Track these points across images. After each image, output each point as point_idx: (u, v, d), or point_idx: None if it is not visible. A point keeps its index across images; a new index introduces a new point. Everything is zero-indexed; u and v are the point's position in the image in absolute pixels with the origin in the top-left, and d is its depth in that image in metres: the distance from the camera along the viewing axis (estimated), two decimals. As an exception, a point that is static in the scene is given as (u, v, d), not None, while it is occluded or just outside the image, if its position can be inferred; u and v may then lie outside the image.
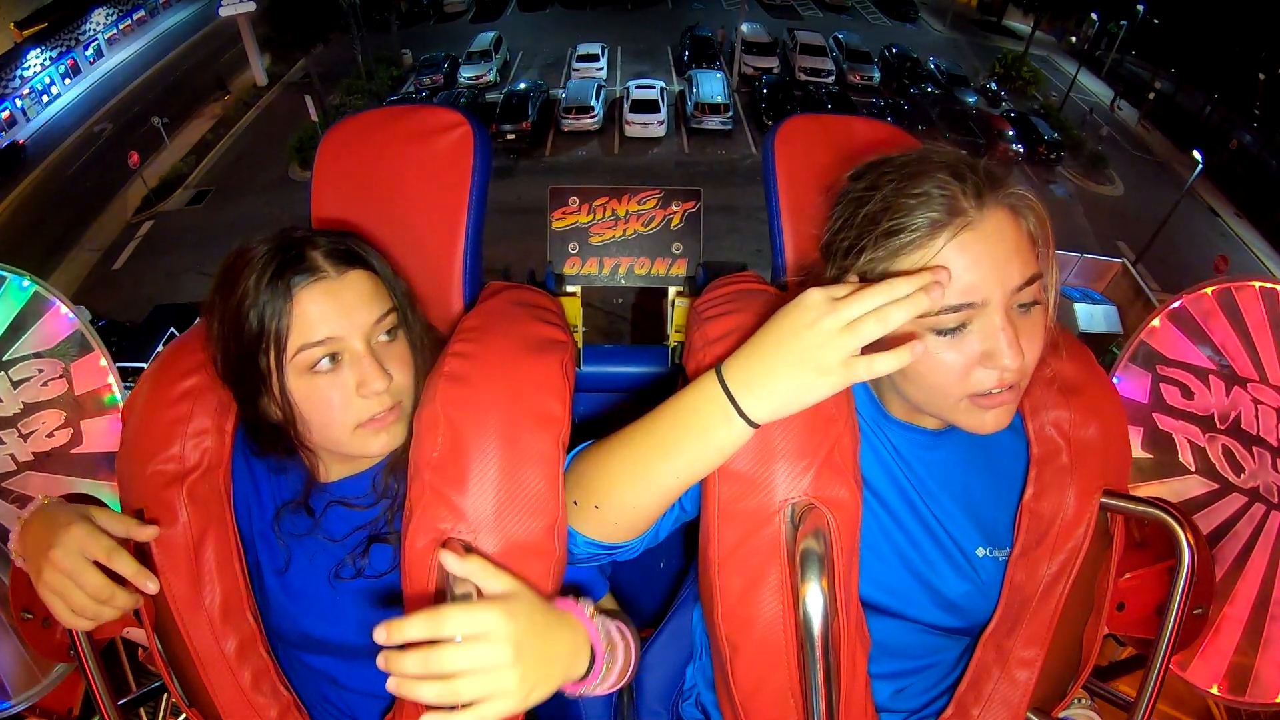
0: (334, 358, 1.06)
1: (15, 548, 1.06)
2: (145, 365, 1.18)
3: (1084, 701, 1.25)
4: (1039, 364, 1.11)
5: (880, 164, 1.04)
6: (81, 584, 0.99)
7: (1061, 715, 1.20)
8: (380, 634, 0.80)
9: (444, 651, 0.81)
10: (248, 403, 1.10)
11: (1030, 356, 0.99)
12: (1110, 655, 1.62)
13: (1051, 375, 1.15)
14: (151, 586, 1.02)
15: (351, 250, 1.10)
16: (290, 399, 1.07)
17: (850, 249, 1.02)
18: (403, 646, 0.82)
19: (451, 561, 0.91)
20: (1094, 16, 26.42)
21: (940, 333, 0.97)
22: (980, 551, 1.15)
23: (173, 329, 12.03)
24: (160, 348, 11.17)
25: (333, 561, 1.17)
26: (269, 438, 1.13)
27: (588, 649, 0.99)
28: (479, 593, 0.93)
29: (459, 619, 0.83)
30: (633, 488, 1.04)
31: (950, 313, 0.95)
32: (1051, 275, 1.02)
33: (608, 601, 1.25)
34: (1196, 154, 16.83)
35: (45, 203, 19.69)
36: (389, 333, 1.11)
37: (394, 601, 1.12)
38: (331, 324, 1.05)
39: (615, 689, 1.10)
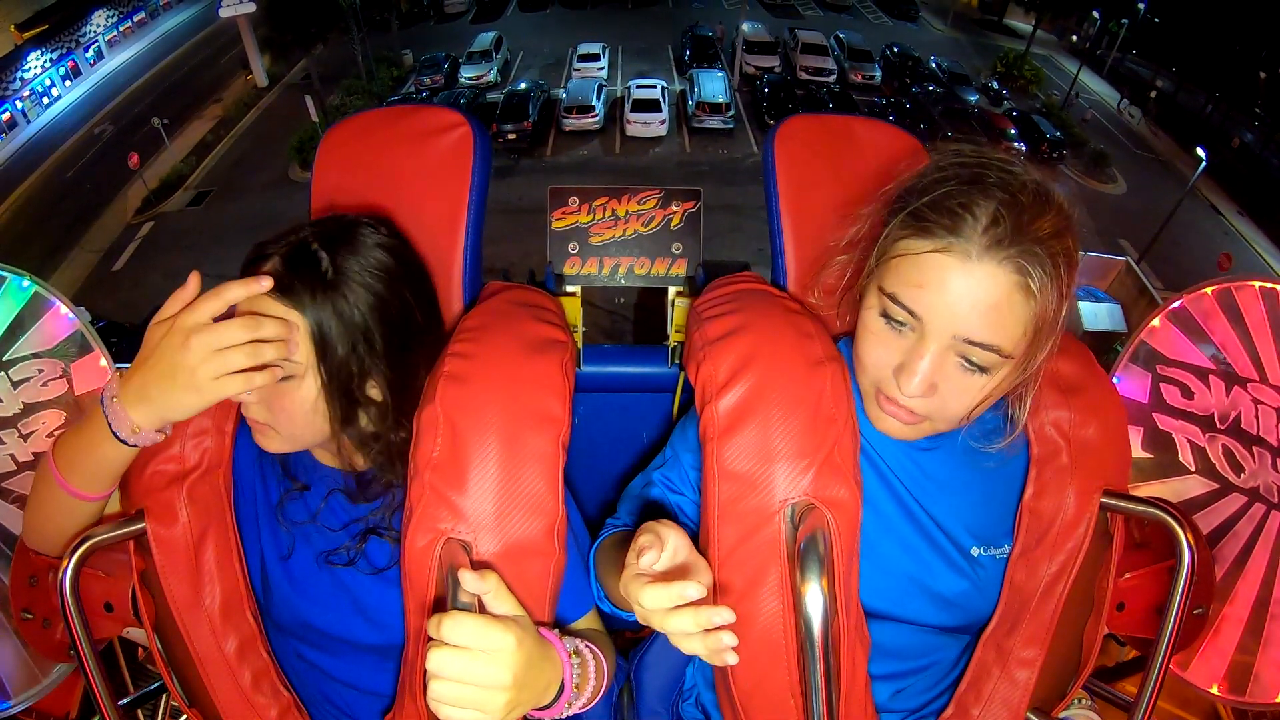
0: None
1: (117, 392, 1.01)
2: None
3: (1084, 701, 1.25)
4: None
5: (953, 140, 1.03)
6: (229, 338, 0.97)
7: (1061, 715, 1.20)
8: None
9: (457, 658, 0.85)
10: None
11: (942, 405, 1.00)
12: (1116, 656, 1.62)
13: (1052, 375, 1.15)
14: (265, 282, 1.00)
15: (291, 280, 1.03)
16: None
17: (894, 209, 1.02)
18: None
19: (470, 580, 0.92)
20: (1096, 15, 26.36)
21: (885, 317, 0.99)
22: (976, 550, 1.15)
23: (173, 330, 12.01)
24: (159, 349, 11.17)
25: (329, 549, 1.18)
26: None
27: (559, 682, 1.00)
28: (480, 605, 0.94)
29: (479, 629, 0.86)
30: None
31: (900, 307, 0.96)
32: (1031, 366, 1.00)
33: (591, 618, 1.25)
34: (1200, 151, 16.77)
35: (46, 204, 19.67)
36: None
37: (391, 597, 1.12)
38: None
39: (580, 712, 1.10)
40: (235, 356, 0.96)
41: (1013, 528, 1.15)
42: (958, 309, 0.93)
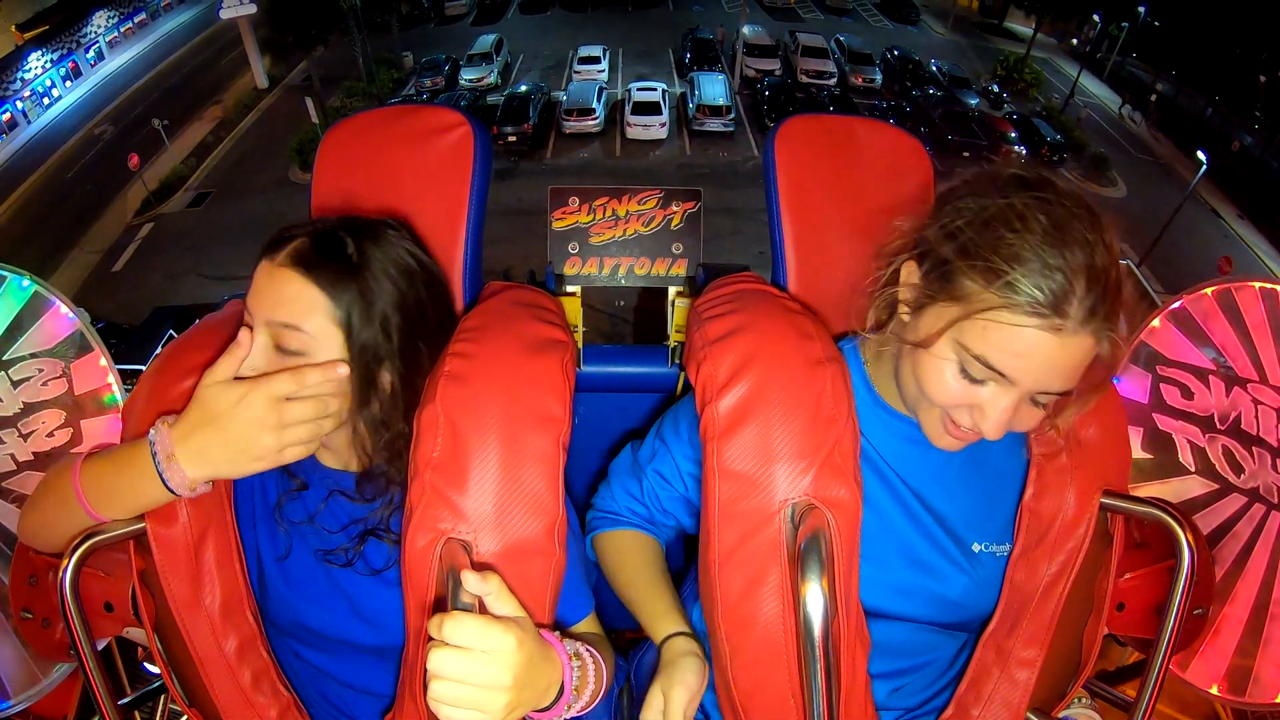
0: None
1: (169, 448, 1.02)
2: (143, 368, 1.18)
3: (1084, 701, 1.25)
4: None
5: (1014, 186, 0.98)
6: (301, 414, 1.02)
7: (1062, 715, 1.20)
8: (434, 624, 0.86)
9: (458, 658, 0.85)
10: None
11: (1007, 431, 1.00)
12: (1117, 660, 1.62)
13: None
14: (343, 369, 1.04)
15: (309, 256, 1.05)
16: None
17: (936, 237, 1.00)
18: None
19: (471, 581, 0.92)
20: (1096, 18, 26.37)
21: (964, 370, 0.97)
22: (977, 547, 1.15)
23: (172, 331, 11.97)
24: (159, 350, 11.17)
25: (327, 549, 1.17)
26: None
27: (559, 683, 1.00)
28: (480, 605, 0.94)
29: (481, 630, 0.86)
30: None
31: (983, 366, 0.95)
32: (1085, 400, 1.03)
33: (591, 622, 1.25)
34: (1201, 154, 16.77)
35: (46, 205, 19.68)
36: (291, 349, 1.05)
37: (389, 598, 1.12)
38: (252, 296, 1.06)
39: (579, 714, 1.10)
40: (303, 429, 1.01)
41: (1013, 526, 1.15)
42: (1049, 374, 0.94)
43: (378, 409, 1.10)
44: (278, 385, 0.99)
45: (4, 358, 1.45)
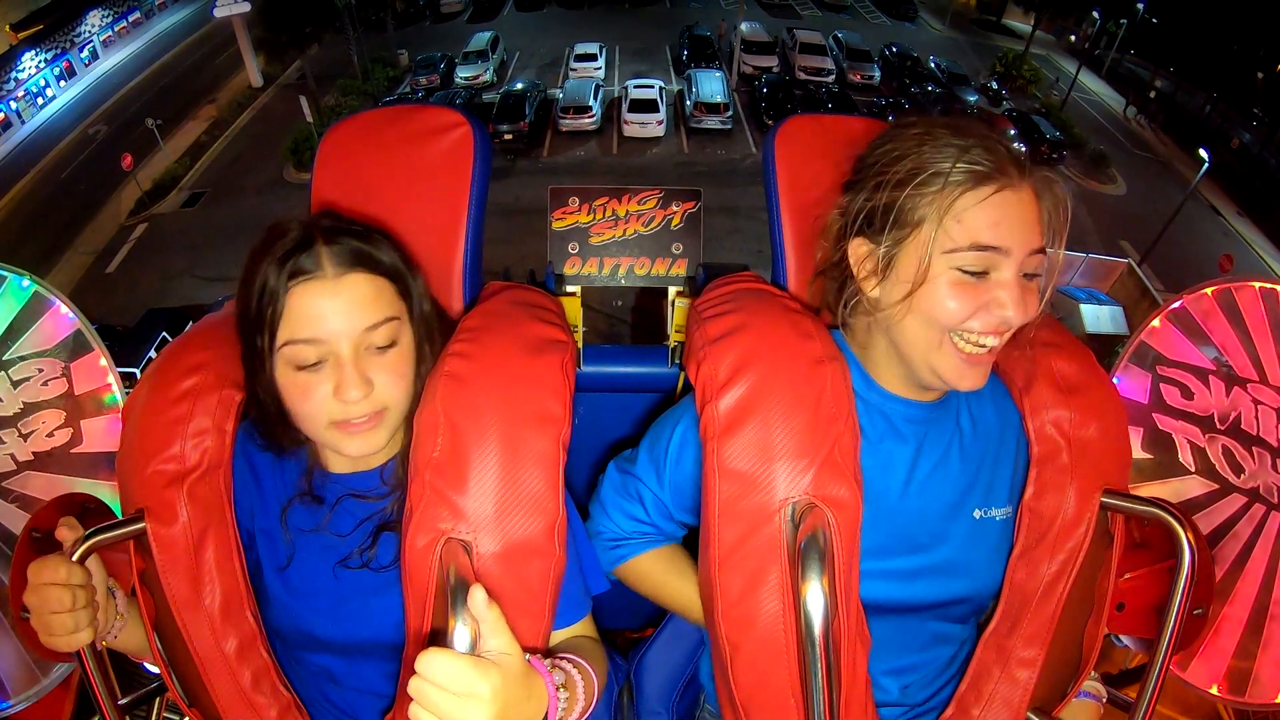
0: (320, 358, 1.05)
1: None
2: (137, 370, 1.17)
3: (1093, 676, 1.26)
4: (1039, 364, 1.15)
5: (907, 125, 1.09)
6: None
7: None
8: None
9: (436, 694, 0.83)
10: (251, 377, 1.11)
11: (1026, 318, 1.04)
12: (1120, 663, 1.62)
13: (1052, 375, 1.15)
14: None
15: (362, 251, 1.08)
16: (275, 384, 1.07)
17: (870, 197, 1.08)
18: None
19: (480, 603, 0.90)
20: (1096, 15, 26.36)
21: (962, 271, 1.01)
22: (978, 513, 1.16)
23: (165, 333, 11.93)
24: (152, 352, 11.12)
25: (338, 557, 1.17)
26: (274, 423, 1.13)
27: (543, 713, 0.97)
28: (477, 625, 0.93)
29: (460, 673, 0.84)
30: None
31: (978, 250, 1.00)
32: (1055, 259, 1.07)
33: (587, 624, 1.24)
34: (1203, 152, 16.75)
35: (40, 205, 19.62)
36: (385, 344, 1.08)
37: (392, 599, 1.12)
38: (319, 325, 1.04)
39: None
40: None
41: (1010, 488, 1.17)
42: (1027, 229, 1.01)
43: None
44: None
45: (4, 358, 1.45)
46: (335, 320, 1.04)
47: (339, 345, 1.04)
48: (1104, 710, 1.27)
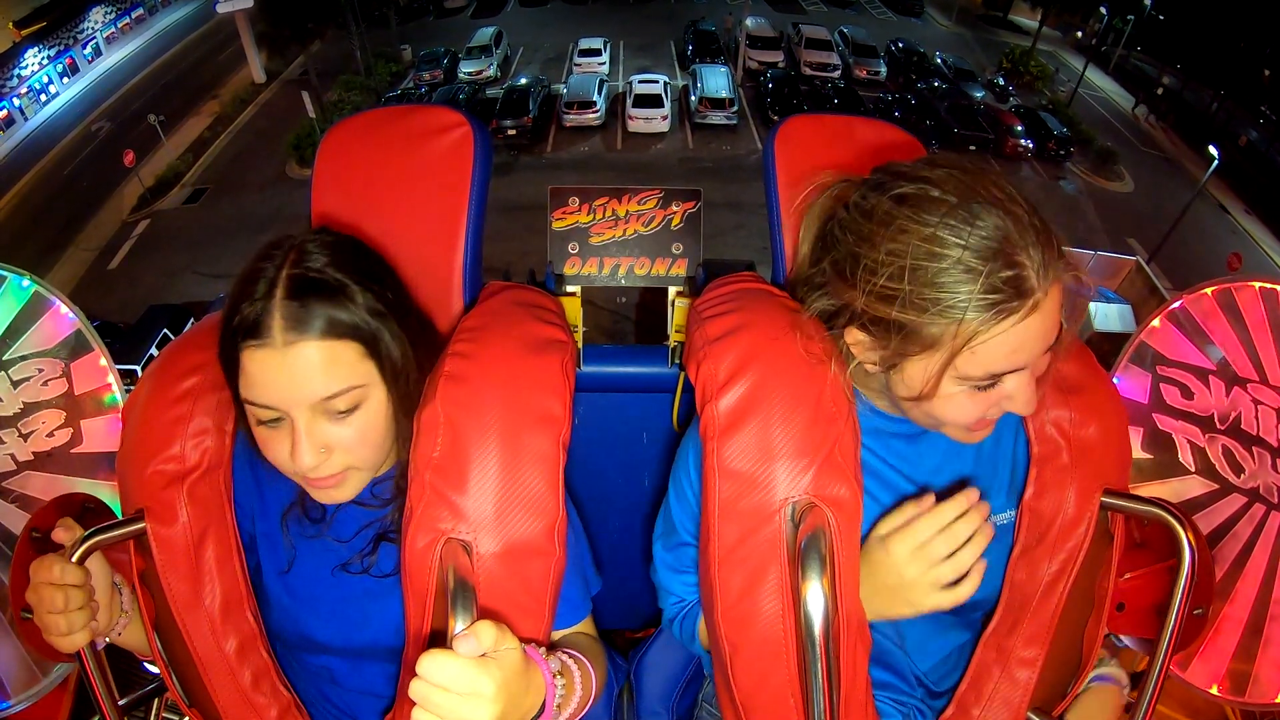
0: (278, 418, 1.01)
1: None
2: (138, 367, 1.17)
3: (1113, 662, 1.26)
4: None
5: (909, 214, 0.94)
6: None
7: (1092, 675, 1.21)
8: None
9: (438, 695, 0.82)
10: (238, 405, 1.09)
11: (1032, 409, 1.01)
12: (1129, 665, 1.62)
13: (1052, 375, 1.15)
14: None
15: (324, 315, 0.99)
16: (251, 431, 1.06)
17: (870, 305, 0.97)
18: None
19: (487, 633, 0.88)
20: (1104, 10, 26.21)
21: (976, 389, 0.98)
22: None
23: (166, 330, 11.87)
24: (153, 349, 11.10)
25: (338, 561, 1.17)
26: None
27: (541, 703, 0.97)
28: (478, 612, 0.93)
29: (462, 672, 0.83)
30: None
31: (993, 376, 0.96)
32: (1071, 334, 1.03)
33: (587, 624, 1.24)
34: (1213, 149, 16.62)
35: (42, 202, 19.58)
36: (346, 409, 1.02)
37: (392, 602, 1.12)
38: (272, 392, 0.98)
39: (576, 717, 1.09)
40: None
41: (1008, 492, 1.17)
42: (1045, 338, 0.95)
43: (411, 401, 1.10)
44: None
45: (4, 358, 1.45)
46: (286, 389, 0.98)
47: (294, 411, 0.99)
48: (1125, 698, 1.26)
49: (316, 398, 0.99)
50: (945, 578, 1.00)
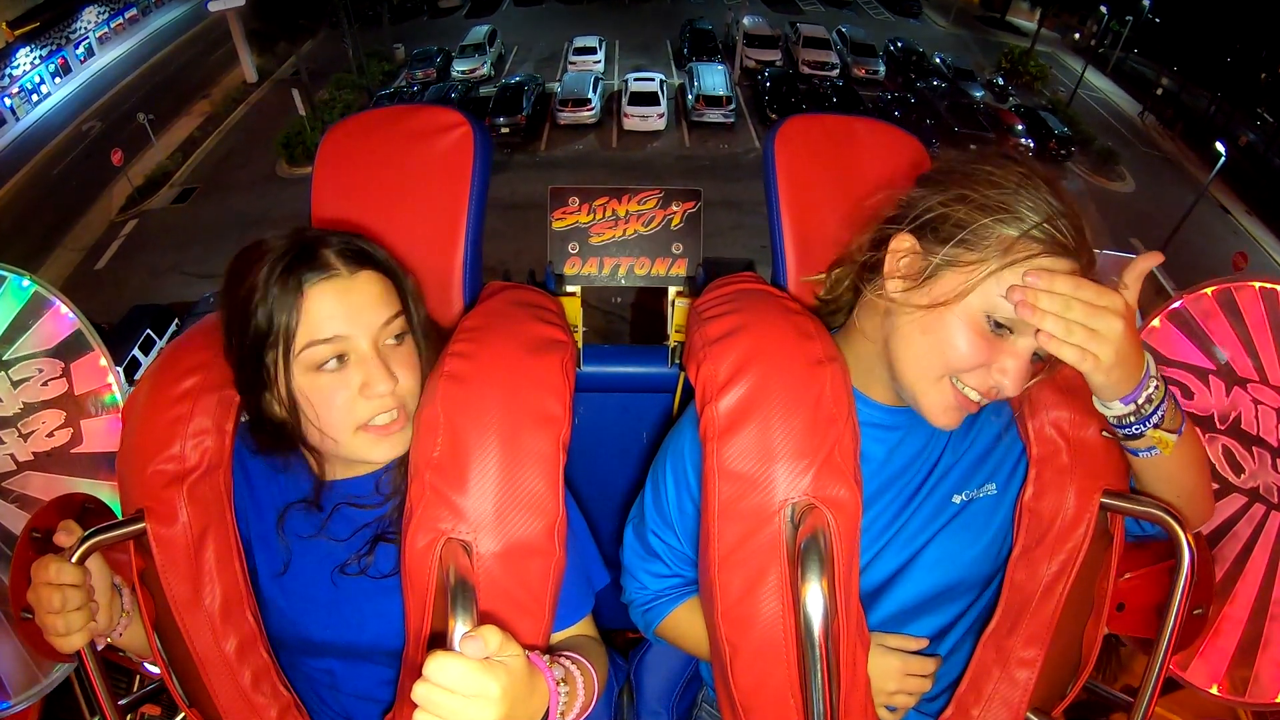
0: (341, 358, 1.06)
1: None
2: (120, 367, 1.18)
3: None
4: None
5: (1013, 160, 1.03)
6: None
7: None
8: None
9: (444, 697, 0.82)
10: (251, 397, 1.10)
11: (1016, 393, 1.02)
12: (1130, 666, 1.62)
13: (1052, 375, 1.15)
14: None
15: (364, 250, 1.11)
16: (295, 396, 1.07)
17: (946, 204, 1.01)
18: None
19: (493, 636, 0.88)
20: (1104, 10, 26.21)
21: (991, 319, 0.98)
22: (957, 498, 1.17)
23: (150, 330, 11.74)
24: (136, 349, 11.06)
25: (336, 562, 1.17)
26: (271, 435, 1.13)
27: (544, 708, 0.96)
28: (479, 616, 0.93)
29: (468, 674, 0.83)
30: None
31: (1008, 317, 0.97)
32: None
33: (587, 623, 1.24)
34: (1219, 145, 16.55)
35: (32, 202, 19.44)
36: (397, 336, 1.11)
37: (390, 603, 1.12)
38: (340, 323, 1.05)
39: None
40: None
41: (992, 465, 1.17)
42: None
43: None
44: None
45: (4, 358, 1.45)
46: (354, 317, 1.06)
47: (360, 342, 1.07)
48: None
49: (379, 323, 1.08)
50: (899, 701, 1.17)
